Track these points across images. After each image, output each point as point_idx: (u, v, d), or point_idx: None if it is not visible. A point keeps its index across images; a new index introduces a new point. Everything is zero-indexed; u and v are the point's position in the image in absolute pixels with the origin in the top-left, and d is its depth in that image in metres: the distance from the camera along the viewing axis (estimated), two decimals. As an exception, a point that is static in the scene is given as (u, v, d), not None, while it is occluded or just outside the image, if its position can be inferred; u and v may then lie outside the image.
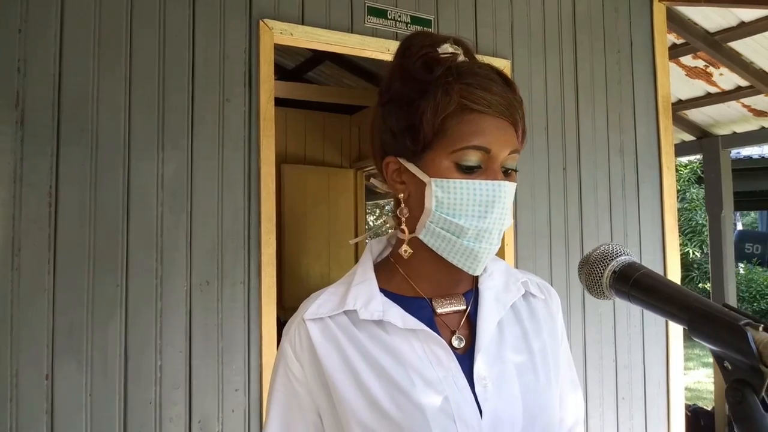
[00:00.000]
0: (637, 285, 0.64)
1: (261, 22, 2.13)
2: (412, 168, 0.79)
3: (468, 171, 0.76)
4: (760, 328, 0.53)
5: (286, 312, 2.24)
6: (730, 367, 0.54)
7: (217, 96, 2.05)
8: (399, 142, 0.80)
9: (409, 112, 0.77)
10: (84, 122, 1.84)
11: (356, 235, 4.76)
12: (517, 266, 2.59)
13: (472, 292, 0.85)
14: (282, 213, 4.46)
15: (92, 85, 1.86)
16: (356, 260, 1.10)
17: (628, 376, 2.88)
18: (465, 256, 0.78)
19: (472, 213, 0.76)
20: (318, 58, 4.46)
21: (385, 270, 0.86)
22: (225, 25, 2.08)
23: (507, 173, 0.78)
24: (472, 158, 0.75)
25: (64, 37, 1.84)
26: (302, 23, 2.21)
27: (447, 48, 0.80)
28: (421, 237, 0.80)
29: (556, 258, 2.73)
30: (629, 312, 2.90)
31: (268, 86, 2.13)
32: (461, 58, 0.80)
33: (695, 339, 0.57)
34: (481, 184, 0.75)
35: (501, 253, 2.58)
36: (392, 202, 0.89)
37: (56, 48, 1.82)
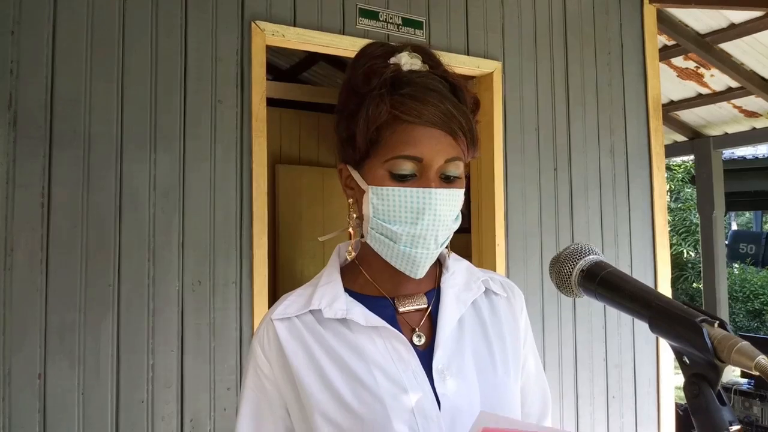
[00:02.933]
0: (602, 283, 0.66)
1: (253, 24, 2.14)
2: (355, 175, 0.84)
3: (401, 179, 0.79)
4: (716, 325, 0.55)
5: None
6: (688, 362, 0.56)
7: (210, 97, 2.07)
8: (346, 151, 0.84)
9: (350, 123, 0.81)
10: (77, 124, 1.86)
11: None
12: (508, 267, 2.61)
13: (434, 291, 0.88)
14: (277, 213, 4.47)
15: (85, 86, 1.88)
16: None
17: (618, 375, 2.91)
18: (404, 261, 0.81)
19: (405, 219, 0.79)
20: (312, 58, 4.48)
21: (350, 272, 0.89)
22: (217, 27, 2.10)
23: (450, 180, 0.80)
24: (405, 167, 0.78)
25: (57, 39, 1.85)
26: (294, 25, 2.23)
27: (401, 57, 0.81)
28: (368, 241, 0.84)
29: (548, 259, 2.75)
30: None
31: (260, 87, 2.15)
32: (419, 65, 0.81)
33: (656, 335, 0.60)
34: (412, 191, 0.78)
35: (492, 254, 2.60)
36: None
37: (49, 50, 1.84)
